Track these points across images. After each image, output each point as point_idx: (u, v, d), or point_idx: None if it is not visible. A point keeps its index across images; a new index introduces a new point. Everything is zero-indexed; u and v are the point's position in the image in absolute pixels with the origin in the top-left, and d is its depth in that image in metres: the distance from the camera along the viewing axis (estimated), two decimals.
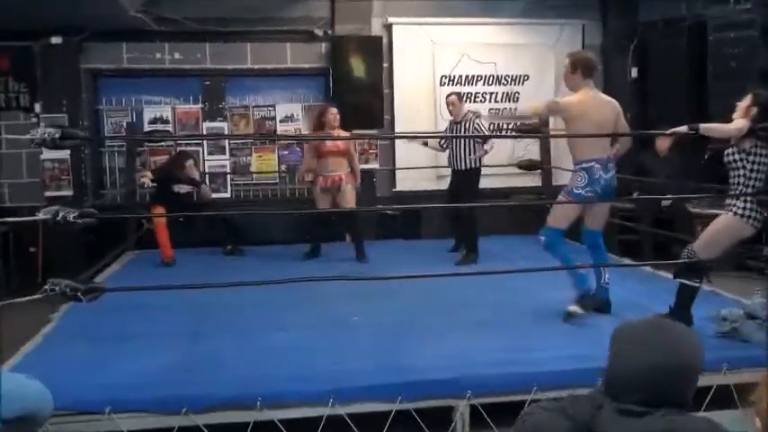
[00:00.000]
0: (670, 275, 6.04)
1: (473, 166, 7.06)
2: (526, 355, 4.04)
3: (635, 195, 8.03)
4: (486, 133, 7.51)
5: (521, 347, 4.18)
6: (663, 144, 7.87)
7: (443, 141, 7.39)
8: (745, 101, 4.19)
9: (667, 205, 7.75)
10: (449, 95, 7.24)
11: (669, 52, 8.36)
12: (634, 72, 8.77)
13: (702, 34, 7.87)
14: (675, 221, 7.82)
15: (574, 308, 4.75)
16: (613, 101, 4.84)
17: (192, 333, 4.60)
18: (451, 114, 7.20)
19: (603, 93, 8.90)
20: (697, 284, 4.35)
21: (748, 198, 4.19)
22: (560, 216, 4.76)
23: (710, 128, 4.18)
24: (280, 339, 4.45)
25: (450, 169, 7.37)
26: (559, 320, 4.76)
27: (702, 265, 4.35)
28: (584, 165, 4.63)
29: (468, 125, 7.03)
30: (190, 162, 7.29)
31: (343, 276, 4.60)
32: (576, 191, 4.65)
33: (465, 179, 7.11)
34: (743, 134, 4.11)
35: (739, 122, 4.13)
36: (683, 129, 4.20)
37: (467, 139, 6.96)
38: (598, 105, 4.70)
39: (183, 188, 7.31)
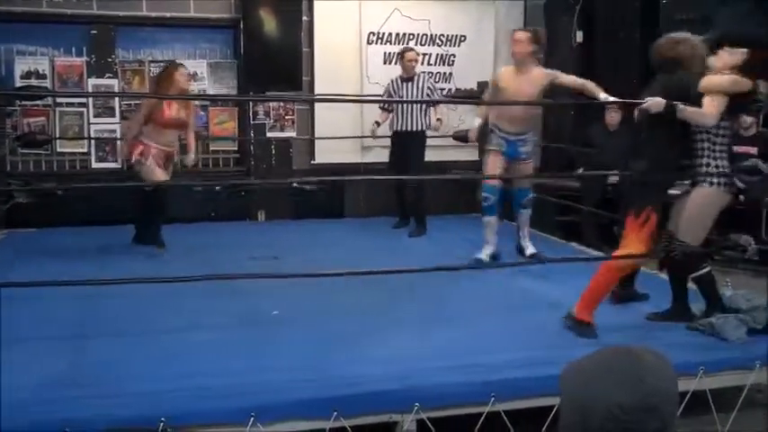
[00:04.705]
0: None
1: (423, 128, 6.98)
2: (481, 359, 3.78)
3: (580, 172, 7.92)
4: (439, 97, 7.42)
5: (474, 349, 3.92)
6: (614, 117, 7.79)
7: (387, 104, 7.28)
8: (734, 56, 4.04)
9: (614, 183, 7.68)
10: (409, 51, 7.20)
11: (619, 15, 8.24)
12: (579, 36, 8.62)
13: None
14: (621, 203, 7.76)
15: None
16: None
17: (78, 335, 4.11)
18: (406, 72, 7.11)
19: (546, 57, 8.97)
20: (709, 268, 4.31)
21: (718, 165, 4.16)
22: None
23: (688, 112, 4.03)
24: (185, 341, 4.04)
25: (390, 135, 7.28)
26: (515, 314, 4.60)
27: (699, 251, 4.26)
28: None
29: (421, 84, 6.97)
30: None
31: (273, 274, 4.19)
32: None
33: (413, 143, 7.08)
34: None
35: (717, 105, 4.03)
36: (659, 101, 4.01)
37: (419, 98, 6.99)
38: None
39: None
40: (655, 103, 4.07)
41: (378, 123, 7.36)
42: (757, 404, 3.96)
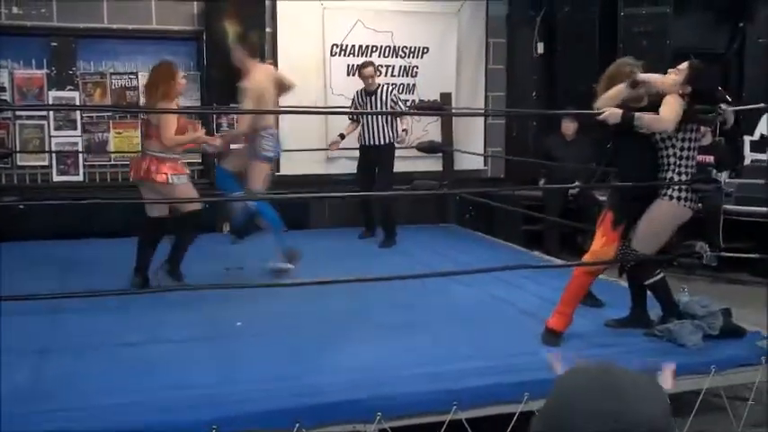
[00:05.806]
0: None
1: (389, 140, 7.02)
2: (443, 367, 3.81)
3: (542, 183, 8.03)
4: (403, 108, 7.44)
5: (437, 358, 3.94)
6: (569, 127, 7.91)
7: (354, 115, 7.33)
8: (680, 73, 4.11)
9: (575, 194, 7.80)
10: (366, 66, 7.16)
11: (578, 27, 8.38)
12: (540, 47, 8.75)
13: (614, 8, 7.93)
14: (582, 211, 7.87)
15: (282, 265, 5.55)
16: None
17: (39, 349, 4.06)
18: (366, 86, 7.16)
19: (507, 69, 9.06)
20: (662, 275, 4.32)
21: (682, 179, 4.17)
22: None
23: (645, 119, 4.06)
24: (146, 353, 4.04)
25: (358, 147, 7.32)
26: (478, 322, 4.64)
27: (651, 259, 4.29)
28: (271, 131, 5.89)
29: (384, 97, 7.03)
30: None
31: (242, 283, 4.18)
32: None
33: (381, 155, 7.11)
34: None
35: (673, 111, 4.05)
36: (616, 112, 4.06)
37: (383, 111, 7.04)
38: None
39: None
40: (612, 113, 4.11)
41: (342, 136, 7.36)
42: (713, 408, 4.03)
